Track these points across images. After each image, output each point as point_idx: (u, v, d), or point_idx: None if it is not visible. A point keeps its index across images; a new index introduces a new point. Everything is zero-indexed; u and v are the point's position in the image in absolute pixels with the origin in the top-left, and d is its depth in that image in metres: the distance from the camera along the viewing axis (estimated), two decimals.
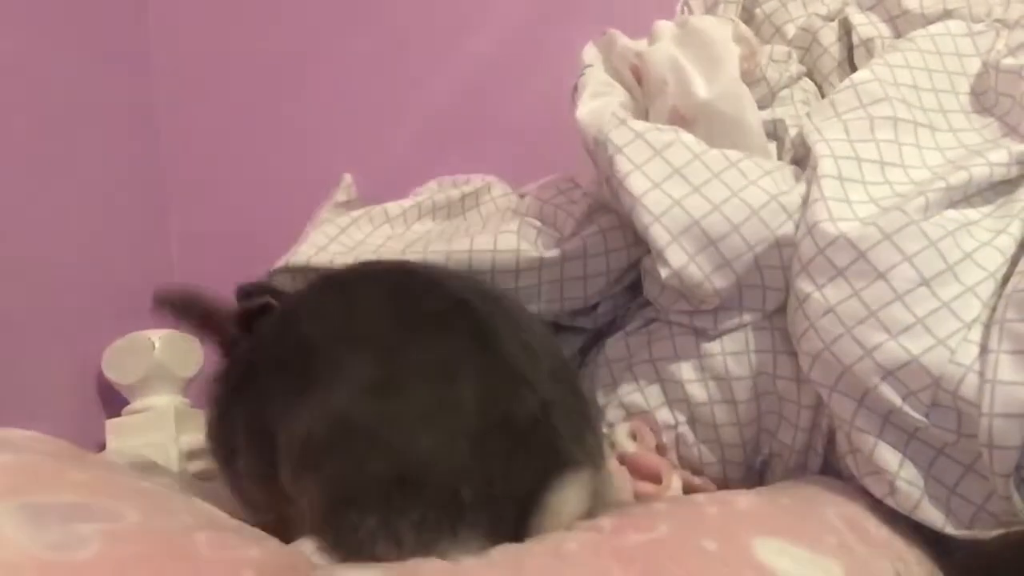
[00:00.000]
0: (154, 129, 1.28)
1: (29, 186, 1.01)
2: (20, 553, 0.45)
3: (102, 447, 0.99)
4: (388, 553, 0.55)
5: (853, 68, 0.85)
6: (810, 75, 0.90)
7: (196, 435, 0.88)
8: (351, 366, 0.60)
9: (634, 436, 0.75)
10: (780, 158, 0.80)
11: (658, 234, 0.71)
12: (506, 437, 0.58)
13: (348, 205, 0.91)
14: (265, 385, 0.65)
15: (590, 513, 0.61)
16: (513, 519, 0.58)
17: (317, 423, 0.59)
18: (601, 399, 0.79)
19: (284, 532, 0.60)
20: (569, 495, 0.59)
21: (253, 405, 0.66)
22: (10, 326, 0.94)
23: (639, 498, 0.71)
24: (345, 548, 0.56)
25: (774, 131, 0.82)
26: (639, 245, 0.78)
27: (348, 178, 0.93)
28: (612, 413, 0.78)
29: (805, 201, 0.70)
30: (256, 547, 0.53)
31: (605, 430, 0.76)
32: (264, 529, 0.57)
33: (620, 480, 0.70)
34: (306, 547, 0.58)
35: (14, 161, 0.99)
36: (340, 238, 0.86)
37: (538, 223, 0.81)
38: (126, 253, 1.18)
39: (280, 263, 0.84)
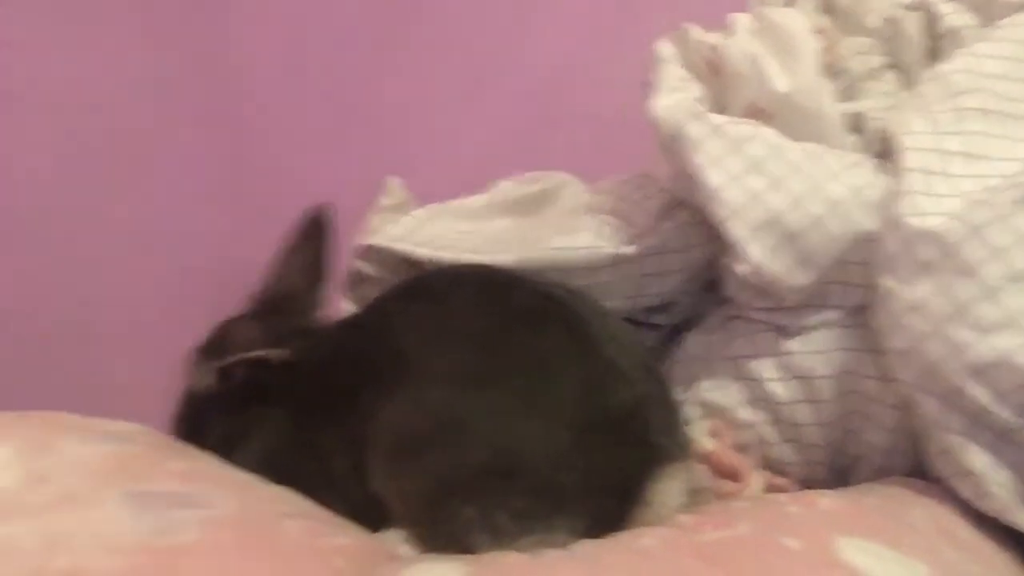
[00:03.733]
0: (238, 129, 1.31)
1: (116, 190, 1.06)
2: (124, 538, 0.47)
3: None
4: (483, 543, 0.56)
5: (939, 59, 0.83)
6: (893, 67, 0.88)
7: None
8: (447, 362, 0.61)
9: (713, 434, 0.75)
10: (862, 152, 0.78)
11: (736, 229, 0.71)
12: (605, 430, 0.59)
13: (398, 208, 0.92)
14: (356, 394, 0.65)
15: (685, 507, 0.61)
16: (613, 511, 0.58)
17: (415, 416, 0.60)
18: (679, 396, 0.78)
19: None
20: (670, 487, 0.60)
21: (346, 417, 0.66)
22: (103, 326, 0.99)
23: (718, 497, 0.70)
24: (441, 538, 0.57)
25: (856, 124, 0.80)
26: (717, 241, 0.78)
27: (394, 181, 0.94)
28: (691, 411, 0.77)
29: (889, 195, 0.69)
30: (345, 536, 0.54)
31: (685, 427, 0.76)
32: None
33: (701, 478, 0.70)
34: (393, 538, 0.60)
35: (101, 165, 1.03)
36: (419, 231, 0.87)
37: (614, 219, 0.81)
38: (210, 252, 1.22)
39: (363, 243, 0.85)
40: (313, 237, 0.82)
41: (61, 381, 0.93)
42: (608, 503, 0.59)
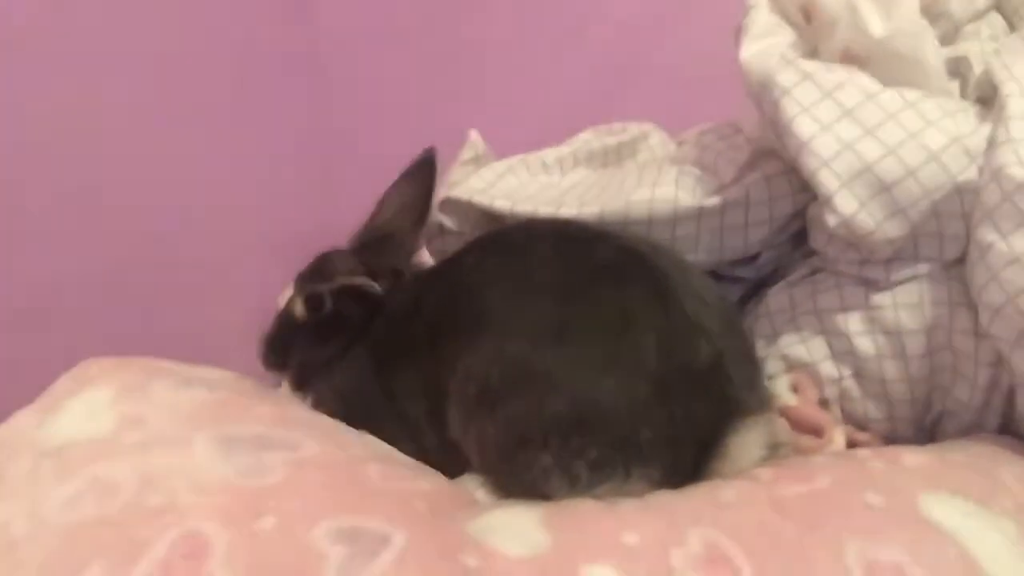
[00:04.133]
0: (325, 80, 1.33)
1: (210, 140, 1.09)
2: (214, 478, 0.50)
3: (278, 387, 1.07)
4: (560, 491, 0.57)
5: None
6: (998, 8, 0.83)
7: None
8: (527, 315, 0.62)
9: (795, 389, 0.73)
10: (964, 98, 0.74)
11: (826, 180, 0.68)
12: (684, 383, 0.59)
13: (477, 162, 0.92)
14: (434, 344, 0.67)
15: (765, 461, 0.61)
16: (690, 463, 0.59)
17: (495, 366, 0.61)
18: (761, 351, 0.77)
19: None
20: (749, 439, 0.60)
21: (423, 365, 0.68)
22: (195, 273, 1.03)
23: (799, 452, 0.69)
24: (518, 485, 0.59)
25: (957, 69, 0.76)
26: (805, 192, 0.75)
27: (474, 134, 0.93)
28: (772, 365, 0.76)
29: (990, 144, 0.65)
30: (424, 480, 0.56)
31: (766, 382, 0.75)
32: None
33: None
34: (471, 483, 0.61)
35: (192, 116, 1.06)
36: (498, 184, 0.87)
37: (697, 171, 0.79)
38: (297, 204, 1.25)
39: (442, 197, 0.86)
40: (420, 179, 0.83)
41: (154, 334, 0.98)
42: (685, 455, 0.59)
